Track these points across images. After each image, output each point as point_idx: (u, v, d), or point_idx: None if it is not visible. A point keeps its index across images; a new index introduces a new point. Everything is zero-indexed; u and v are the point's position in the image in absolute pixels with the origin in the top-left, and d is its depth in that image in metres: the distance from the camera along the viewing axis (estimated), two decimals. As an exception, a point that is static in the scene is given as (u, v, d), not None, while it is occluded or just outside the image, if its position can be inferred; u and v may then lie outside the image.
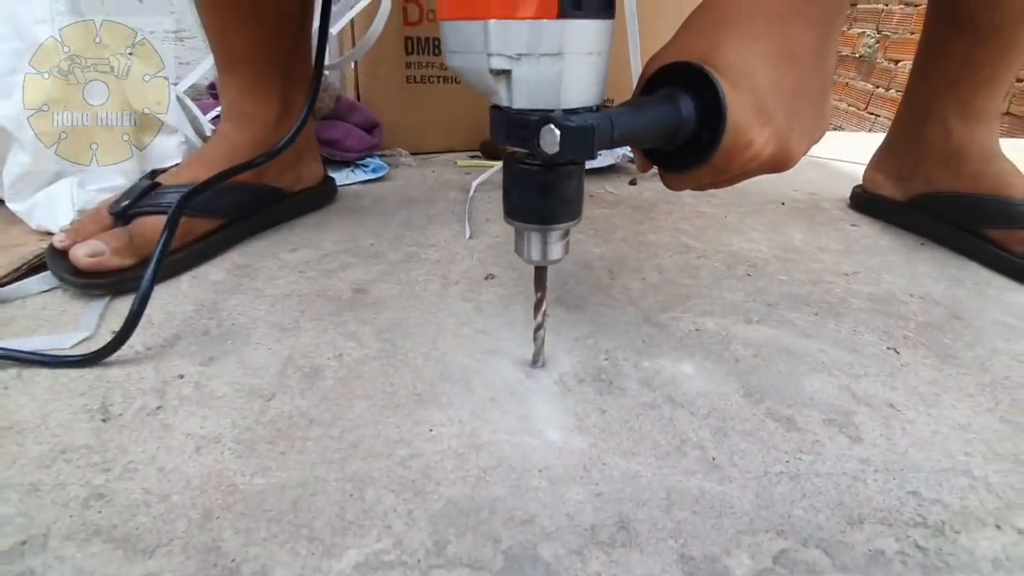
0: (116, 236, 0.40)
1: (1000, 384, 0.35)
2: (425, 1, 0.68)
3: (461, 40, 0.25)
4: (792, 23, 0.26)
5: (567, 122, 0.23)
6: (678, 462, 0.28)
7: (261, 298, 0.41)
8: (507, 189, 0.29)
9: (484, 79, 0.25)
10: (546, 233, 0.29)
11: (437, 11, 0.26)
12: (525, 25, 0.23)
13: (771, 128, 0.26)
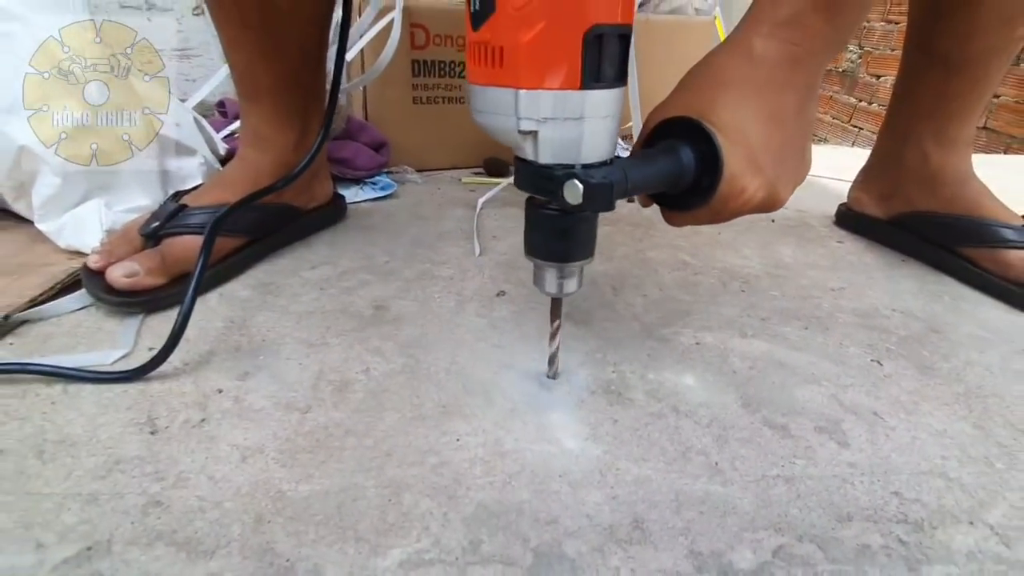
0: (149, 257, 0.42)
1: (973, 393, 0.38)
2: (431, 26, 0.71)
3: (491, 103, 0.27)
4: (778, 89, 0.30)
5: (590, 178, 0.26)
6: (684, 467, 0.31)
7: (287, 315, 0.43)
8: (528, 230, 0.31)
9: (512, 137, 0.28)
10: (563, 269, 0.32)
11: (467, 75, 0.29)
12: (551, 95, 0.26)
13: (761, 177, 0.30)
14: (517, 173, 0.30)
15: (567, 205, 0.27)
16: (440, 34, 0.72)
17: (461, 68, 0.75)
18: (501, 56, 0.26)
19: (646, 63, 0.69)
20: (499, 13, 0.25)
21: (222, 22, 0.44)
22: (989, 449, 0.34)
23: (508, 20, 0.25)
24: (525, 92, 0.26)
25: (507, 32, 0.25)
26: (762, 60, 0.30)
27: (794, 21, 0.30)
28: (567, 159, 0.27)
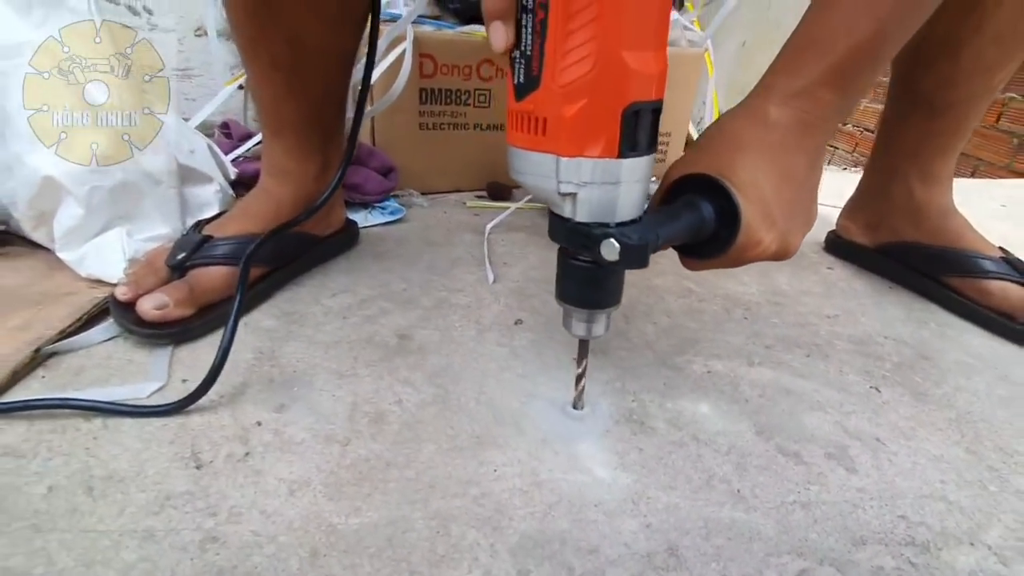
0: (177, 288, 0.43)
1: (964, 419, 0.41)
2: (439, 56, 0.73)
3: (532, 166, 0.29)
4: (790, 151, 0.34)
5: (627, 239, 0.28)
6: (709, 495, 0.33)
7: (314, 345, 0.44)
8: (560, 277, 0.34)
9: (551, 197, 0.30)
10: (592, 315, 0.34)
11: (508, 138, 0.31)
12: (591, 162, 0.28)
13: (775, 231, 0.33)
14: (553, 227, 0.32)
15: (603, 261, 0.29)
16: (447, 64, 0.74)
17: (467, 96, 0.77)
18: (544, 126, 0.28)
19: None
20: (543, 89, 0.27)
21: (251, 60, 0.46)
22: (982, 473, 0.37)
23: (552, 96, 0.27)
24: (566, 159, 0.28)
25: (551, 106, 0.27)
26: (776, 126, 0.33)
27: (807, 93, 0.33)
28: (602, 218, 0.29)
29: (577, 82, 0.26)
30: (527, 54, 0.27)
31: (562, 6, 0.25)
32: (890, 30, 0.33)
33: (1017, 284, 0.54)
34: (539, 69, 0.27)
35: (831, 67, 0.33)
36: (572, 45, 0.26)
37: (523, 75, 0.28)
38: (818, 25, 0.34)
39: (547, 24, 0.26)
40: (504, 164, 0.92)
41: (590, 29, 0.25)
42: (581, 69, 0.26)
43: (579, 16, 0.25)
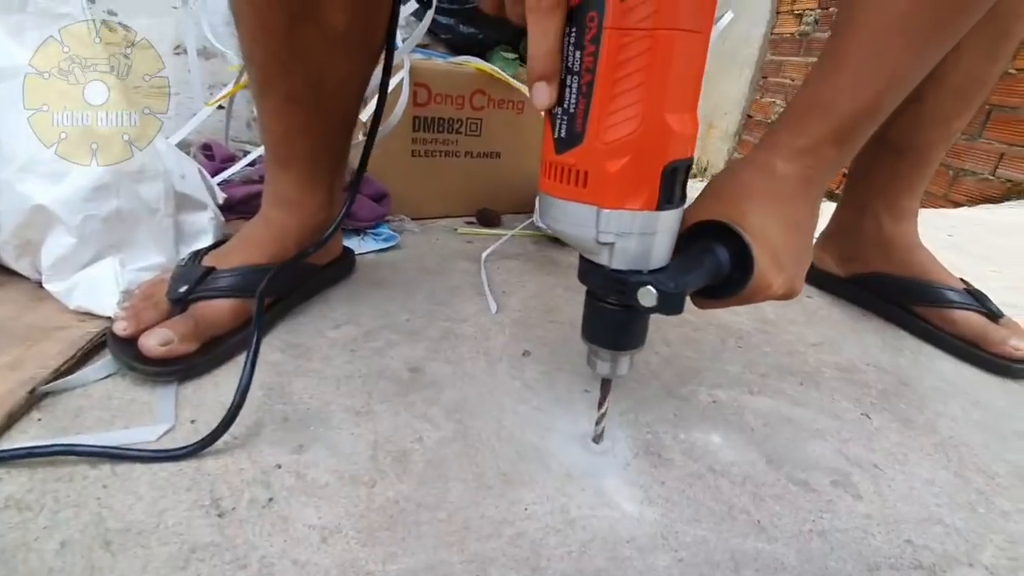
0: (182, 323, 0.42)
1: (948, 443, 0.44)
2: (433, 86, 0.74)
3: (570, 215, 0.30)
4: (795, 201, 0.37)
5: (664, 287, 0.29)
6: (732, 526, 0.34)
7: (324, 380, 0.43)
8: (588, 318, 0.35)
9: (587, 245, 0.31)
10: (617, 356, 0.35)
11: (543, 187, 0.31)
12: (630, 214, 0.29)
13: (784, 274, 0.35)
14: (586, 272, 0.33)
15: (640, 307, 0.30)
16: (441, 93, 0.75)
17: (459, 125, 0.78)
18: (586, 179, 0.29)
19: None
20: (587, 145, 0.28)
21: (266, 94, 0.45)
22: (970, 495, 0.39)
23: (596, 152, 0.28)
24: (608, 211, 0.29)
25: (594, 161, 0.28)
26: (784, 178, 0.36)
27: (811, 151, 0.36)
28: (637, 266, 0.31)
29: (622, 140, 0.27)
30: (570, 112, 0.29)
31: (609, 71, 0.27)
32: (888, 96, 0.36)
33: (979, 313, 0.59)
34: (583, 126, 0.28)
35: (834, 129, 0.36)
36: (618, 106, 0.27)
37: (565, 131, 0.29)
38: (823, 88, 0.36)
39: (593, 86, 0.27)
40: (493, 190, 0.94)
41: (636, 93, 0.27)
42: (626, 128, 0.27)
43: (626, 80, 0.27)
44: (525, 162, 0.85)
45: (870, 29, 0.35)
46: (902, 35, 0.35)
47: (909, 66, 0.36)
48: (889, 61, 0.35)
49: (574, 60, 0.28)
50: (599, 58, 0.27)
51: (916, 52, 0.35)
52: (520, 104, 0.80)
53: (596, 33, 0.26)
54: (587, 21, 0.26)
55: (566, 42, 0.28)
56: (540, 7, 0.27)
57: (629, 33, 0.26)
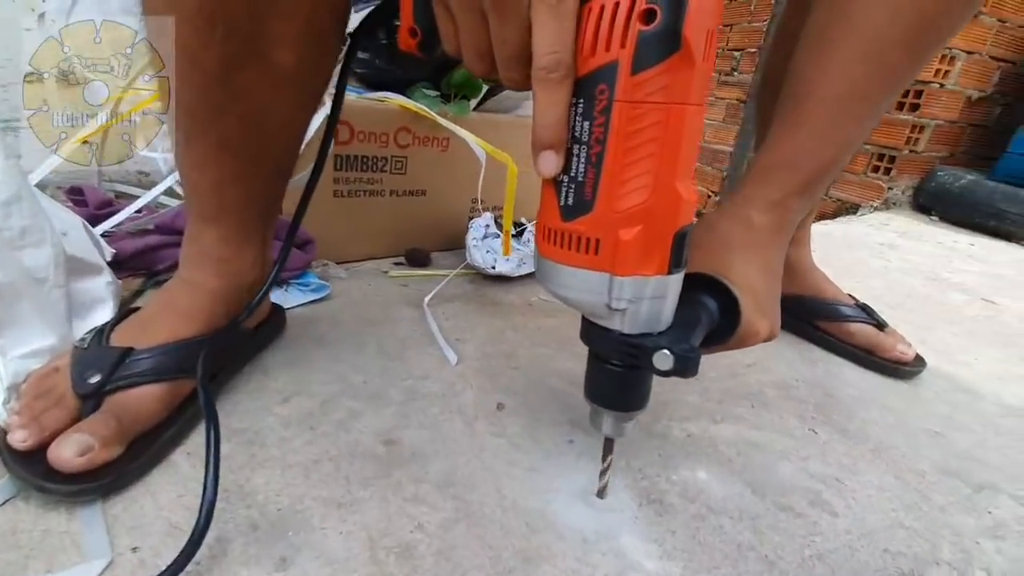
0: (102, 423, 0.34)
1: (880, 449, 0.50)
2: (355, 123, 0.69)
3: (579, 282, 0.29)
4: (770, 249, 0.40)
5: (679, 350, 0.30)
6: (747, 567, 0.35)
7: (289, 470, 0.38)
8: (592, 379, 0.34)
9: (598, 310, 0.30)
10: (623, 416, 0.35)
11: (547, 254, 0.30)
12: (643, 280, 0.29)
13: (767, 319, 0.38)
14: (594, 336, 0.32)
15: (655, 371, 0.30)
16: (364, 131, 0.70)
17: (383, 163, 0.74)
18: (597, 246, 0.28)
19: None
20: (598, 213, 0.28)
21: (195, 140, 0.38)
22: (912, 496, 0.44)
23: (608, 220, 0.28)
24: (621, 278, 0.29)
25: (606, 229, 0.28)
26: (759, 228, 0.40)
27: (781, 204, 0.40)
28: (648, 328, 0.31)
29: (634, 209, 0.27)
30: (578, 180, 0.28)
31: (621, 142, 0.26)
32: (845, 152, 0.41)
33: (870, 325, 0.68)
34: (593, 195, 0.28)
35: (801, 183, 0.40)
36: (629, 176, 0.27)
37: (573, 199, 0.28)
38: (789, 148, 0.41)
39: (604, 156, 0.27)
40: (420, 229, 0.90)
41: (647, 163, 0.27)
42: (638, 197, 0.27)
43: (637, 151, 0.27)
44: (451, 200, 0.83)
45: (828, 98, 0.40)
46: (856, 101, 0.40)
47: (862, 126, 0.41)
48: (845, 124, 0.40)
49: (583, 130, 0.27)
50: (610, 129, 0.26)
51: (868, 114, 0.41)
52: (445, 141, 0.78)
53: (606, 105, 0.26)
54: (596, 93, 0.26)
55: (572, 112, 0.27)
56: (551, 79, 0.26)
57: (639, 106, 0.26)
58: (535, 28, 0.25)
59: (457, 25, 0.28)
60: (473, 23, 0.27)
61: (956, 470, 0.48)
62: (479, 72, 0.29)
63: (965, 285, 1.07)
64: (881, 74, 0.40)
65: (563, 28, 0.25)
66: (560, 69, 0.25)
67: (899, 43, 0.39)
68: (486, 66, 0.29)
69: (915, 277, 1.09)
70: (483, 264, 0.74)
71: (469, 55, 0.28)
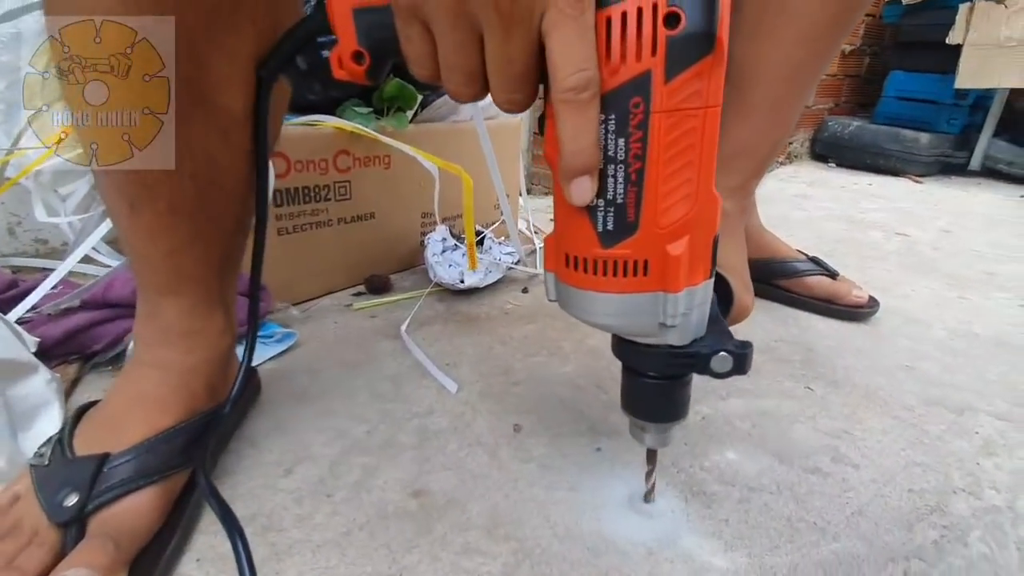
0: (97, 551, 0.28)
1: (870, 393, 0.53)
2: (292, 153, 0.64)
3: (628, 307, 0.28)
4: (738, 230, 0.44)
5: (736, 349, 0.29)
6: (802, 538, 0.36)
7: (321, 550, 0.34)
8: (632, 395, 0.34)
9: (649, 331, 0.29)
10: (666, 426, 0.34)
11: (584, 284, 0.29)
12: (694, 290, 0.28)
13: (751, 294, 0.41)
14: (643, 355, 0.31)
15: (713, 374, 0.30)
16: (301, 160, 0.65)
17: (326, 191, 0.69)
18: (646, 267, 0.27)
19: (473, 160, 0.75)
20: (643, 233, 0.26)
21: (142, 207, 0.33)
22: (911, 432, 0.48)
23: (655, 238, 0.26)
24: (675, 295, 0.27)
25: (654, 248, 0.27)
26: (728, 214, 0.42)
27: (742, 187, 0.44)
28: (696, 336, 0.30)
29: (680, 221, 0.26)
30: (618, 202, 0.26)
31: (662, 155, 0.25)
32: (791, 131, 0.45)
33: (824, 276, 0.72)
34: (636, 215, 0.26)
35: (755, 167, 0.44)
36: (672, 188, 0.26)
37: (613, 223, 0.27)
38: (743, 135, 0.43)
39: (644, 173, 0.26)
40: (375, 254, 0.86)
41: (687, 172, 0.26)
42: (683, 209, 0.26)
43: (677, 161, 0.25)
44: (400, 218, 0.79)
45: (772, 83, 0.42)
46: (797, 83, 0.43)
47: (802, 104, 0.45)
48: (790, 106, 0.44)
49: (617, 148, 0.25)
50: (648, 144, 0.25)
51: (807, 93, 0.45)
52: (387, 159, 0.74)
53: (643, 119, 0.25)
54: (631, 107, 0.25)
55: (602, 130, 0.25)
56: (580, 99, 0.24)
57: (675, 114, 0.25)
58: (555, 44, 0.23)
59: (439, 44, 0.24)
60: (463, 41, 0.24)
61: (937, 398, 0.52)
62: (468, 97, 0.26)
63: (878, 222, 1.17)
64: (817, 55, 0.43)
65: (588, 42, 0.23)
66: (591, 87, 0.23)
67: (830, 25, 0.42)
68: (477, 89, 0.26)
69: (835, 222, 1.17)
70: (450, 280, 0.71)
71: (456, 78, 0.25)
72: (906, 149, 1.66)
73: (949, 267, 0.90)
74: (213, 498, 0.31)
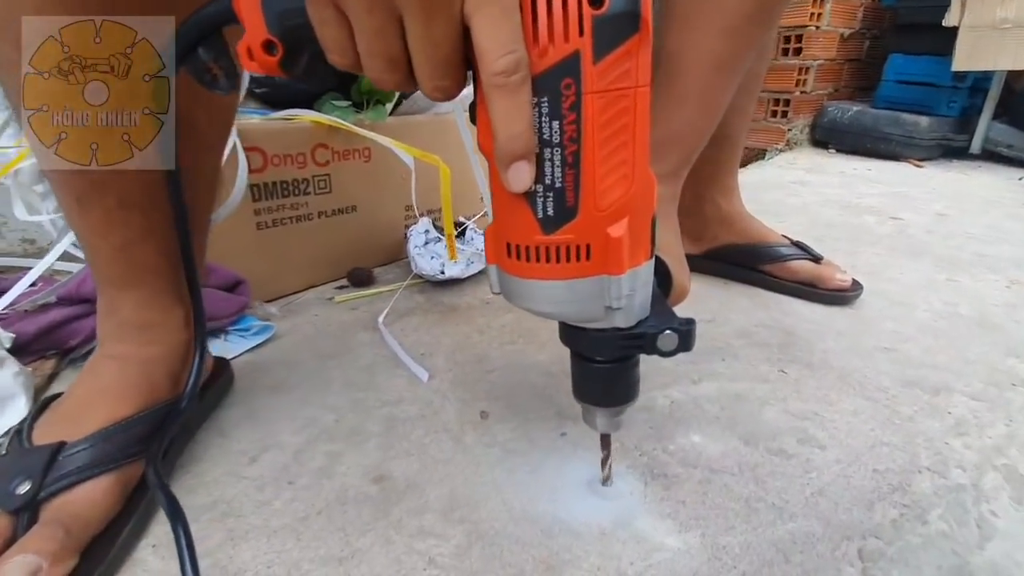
0: (48, 537, 0.29)
1: (845, 375, 0.53)
2: (268, 148, 0.64)
3: (572, 294, 0.28)
4: (671, 215, 0.46)
5: (681, 327, 0.30)
6: (759, 518, 0.36)
7: (277, 535, 0.34)
8: (582, 380, 0.34)
9: (595, 316, 0.29)
10: (618, 410, 0.34)
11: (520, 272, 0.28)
12: (637, 271, 0.28)
13: (686, 274, 0.42)
14: (590, 340, 0.31)
15: (660, 352, 0.30)
16: (278, 154, 0.65)
17: (305, 185, 0.69)
18: (588, 251, 0.27)
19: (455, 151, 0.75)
20: (584, 216, 0.26)
21: (90, 203, 0.33)
22: (883, 412, 0.47)
23: (596, 220, 0.26)
24: (618, 277, 0.27)
25: (595, 231, 0.26)
26: (662, 198, 0.43)
27: (673, 174, 0.45)
28: (641, 317, 0.30)
29: (619, 202, 0.26)
30: (556, 187, 0.26)
31: (597, 134, 0.25)
32: (718, 119, 0.46)
33: (808, 260, 0.72)
34: (575, 199, 0.26)
35: (685, 155, 0.45)
36: (609, 169, 0.26)
37: (553, 208, 0.26)
38: (672, 122, 0.44)
39: (580, 155, 0.25)
40: (357, 247, 0.86)
41: (624, 152, 0.26)
42: (621, 189, 0.26)
43: (612, 141, 0.25)
44: (384, 211, 0.80)
45: (700, 73, 0.43)
46: (724, 73, 0.44)
47: (730, 93, 0.45)
48: (717, 95, 0.44)
49: (552, 132, 0.25)
50: (583, 125, 0.25)
51: (734, 82, 0.45)
52: (367, 151, 0.74)
53: (576, 100, 0.24)
54: (562, 88, 0.24)
55: (536, 114, 0.25)
56: (511, 82, 0.23)
57: (607, 94, 0.24)
58: (481, 26, 0.22)
59: (356, 30, 0.23)
60: (382, 24, 0.23)
61: (913, 379, 0.52)
62: (392, 85, 0.25)
63: (873, 207, 1.15)
64: (741, 45, 0.44)
65: (514, 23, 0.22)
66: (521, 69, 0.23)
67: (754, 16, 0.43)
68: (401, 76, 0.25)
69: (830, 208, 1.16)
70: (431, 271, 0.71)
71: (377, 65, 0.24)
72: (907, 133, 1.63)
73: (941, 250, 0.89)
74: (160, 488, 0.31)
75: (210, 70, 0.27)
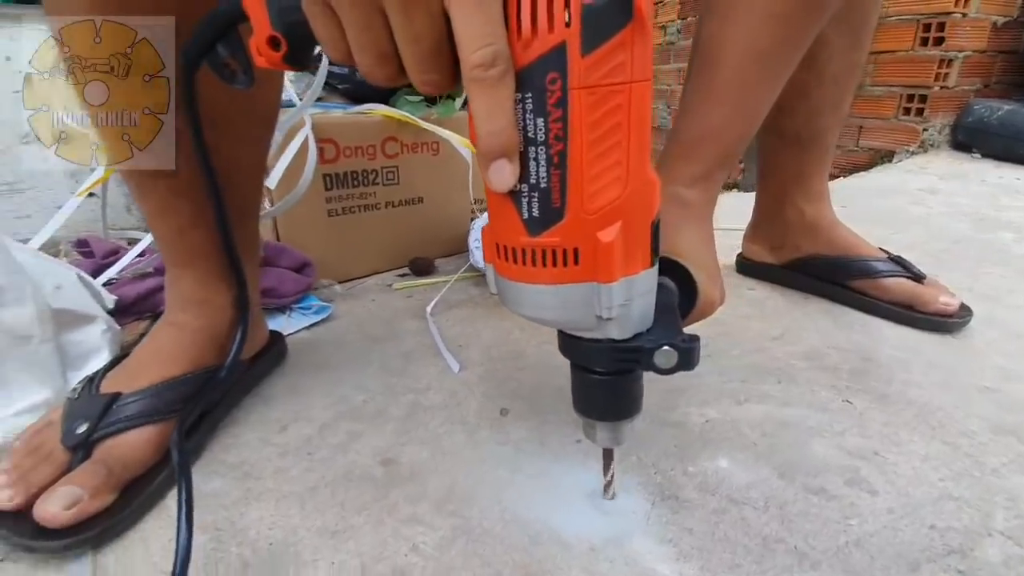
0: (90, 473, 0.33)
1: (925, 412, 0.46)
2: (340, 140, 0.69)
3: (559, 299, 0.27)
4: (704, 220, 0.41)
5: (681, 344, 0.27)
6: (773, 561, 0.32)
7: (284, 501, 0.37)
8: (580, 392, 0.32)
9: (587, 324, 0.28)
10: (618, 425, 0.32)
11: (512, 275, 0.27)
12: (632, 279, 0.26)
13: (718, 287, 0.38)
14: (585, 351, 0.30)
15: (657, 370, 0.28)
16: (350, 146, 0.70)
17: (374, 176, 0.73)
18: (575, 256, 0.25)
19: None
20: (571, 218, 0.25)
21: (147, 193, 0.38)
22: (963, 461, 0.40)
23: (584, 224, 0.25)
24: (608, 285, 0.26)
25: (583, 235, 0.25)
26: (691, 203, 0.39)
27: (706, 176, 0.40)
28: (639, 329, 0.28)
29: (611, 205, 0.25)
30: (541, 187, 0.25)
31: (585, 135, 0.23)
32: (759, 120, 0.41)
33: (907, 278, 0.63)
34: (561, 200, 0.25)
35: (721, 155, 0.40)
36: (599, 170, 0.24)
37: (538, 209, 0.25)
38: (706, 122, 0.40)
39: (567, 155, 0.24)
40: (421, 238, 0.88)
41: (616, 152, 0.24)
42: (613, 192, 0.24)
43: (603, 141, 0.24)
44: (449, 204, 0.82)
45: (739, 65, 0.38)
46: (766, 66, 0.39)
47: (773, 90, 0.40)
48: (757, 91, 0.39)
49: (536, 129, 0.24)
50: (569, 123, 0.23)
51: (778, 77, 0.40)
52: (435, 145, 0.77)
53: (561, 96, 0.23)
54: (547, 83, 0.23)
55: (519, 110, 0.24)
56: (489, 76, 0.22)
57: (597, 90, 0.23)
58: (457, 17, 0.22)
59: (344, 24, 0.23)
60: (368, 19, 0.22)
61: (1012, 427, 0.43)
62: (383, 79, 0.25)
63: (1013, 222, 0.98)
64: (789, 35, 0.39)
65: (492, 13, 0.22)
66: (499, 63, 0.22)
67: (799, 5, 0.38)
68: (391, 70, 0.24)
69: (960, 220, 1.01)
70: (485, 265, 0.72)
71: (368, 60, 0.24)
72: (1075, 136, 1.37)
73: (1096, 276, 0.73)
74: (174, 445, 0.34)
75: (228, 65, 0.30)
